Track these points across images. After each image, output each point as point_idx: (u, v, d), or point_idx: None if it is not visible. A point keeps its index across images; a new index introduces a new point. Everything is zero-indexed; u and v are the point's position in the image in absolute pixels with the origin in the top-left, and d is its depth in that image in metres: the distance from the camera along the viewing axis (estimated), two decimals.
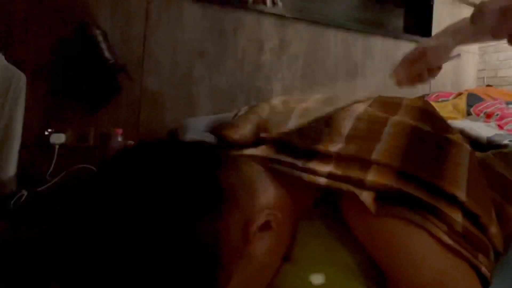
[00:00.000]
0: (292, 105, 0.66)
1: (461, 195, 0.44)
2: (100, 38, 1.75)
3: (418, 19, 2.72)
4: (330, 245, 0.50)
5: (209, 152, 0.47)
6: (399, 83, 0.76)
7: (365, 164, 0.46)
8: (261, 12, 2.17)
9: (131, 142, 1.65)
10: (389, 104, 0.58)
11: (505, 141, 0.75)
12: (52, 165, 1.51)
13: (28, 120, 1.32)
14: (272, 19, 2.20)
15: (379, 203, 0.44)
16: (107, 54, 1.73)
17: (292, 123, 0.57)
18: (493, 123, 0.92)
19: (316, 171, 0.48)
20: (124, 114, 1.83)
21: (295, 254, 0.51)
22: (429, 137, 0.48)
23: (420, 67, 0.76)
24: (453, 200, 0.44)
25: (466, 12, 2.83)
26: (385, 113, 0.55)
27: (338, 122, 0.52)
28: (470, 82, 2.90)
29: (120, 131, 1.70)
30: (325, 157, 0.49)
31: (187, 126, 1.84)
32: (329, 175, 0.47)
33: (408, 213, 0.43)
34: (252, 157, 0.53)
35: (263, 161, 0.52)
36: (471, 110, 1.08)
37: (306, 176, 0.48)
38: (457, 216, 0.43)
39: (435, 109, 0.58)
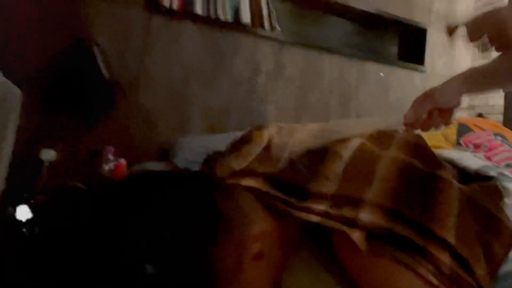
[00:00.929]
0: (285, 137, 0.66)
1: (451, 238, 0.44)
2: (97, 54, 1.76)
3: (412, 46, 2.79)
4: (318, 275, 0.51)
5: (206, 181, 0.49)
6: (410, 126, 0.76)
7: (358, 203, 0.47)
8: (259, 36, 2.21)
9: (122, 160, 1.64)
10: (382, 137, 0.60)
11: (492, 173, 0.76)
12: (41, 182, 1.50)
13: (19, 134, 1.31)
14: (269, 42, 2.24)
15: (370, 242, 0.44)
16: (103, 69, 1.74)
17: (285, 160, 0.58)
18: (481, 154, 0.93)
19: (310, 209, 0.49)
20: (116, 131, 1.83)
21: (285, 283, 0.51)
22: (420, 176, 0.49)
23: (428, 107, 0.77)
24: (442, 242, 0.44)
25: (459, 41, 2.90)
26: (379, 147, 0.56)
27: (332, 159, 0.54)
28: (461, 111, 2.95)
29: (112, 148, 1.70)
30: (319, 197, 0.50)
31: (180, 145, 1.84)
32: (323, 214, 0.48)
33: (397, 253, 0.43)
34: (248, 188, 0.54)
35: (258, 193, 0.53)
36: (461, 140, 1.09)
37: (299, 214, 0.50)
38: (445, 258, 0.44)
39: (426, 144, 0.59)
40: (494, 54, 0.76)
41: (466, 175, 0.83)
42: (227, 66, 2.14)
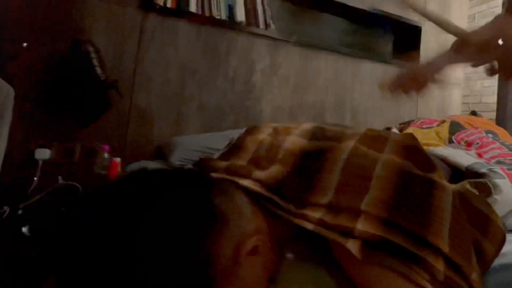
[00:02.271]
0: (279, 138, 0.66)
1: (444, 246, 0.45)
2: (93, 54, 1.76)
3: (407, 45, 2.80)
4: (314, 269, 0.53)
5: (202, 178, 0.51)
6: (385, 88, 0.76)
7: (355, 213, 0.48)
8: (254, 34, 2.21)
9: (117, 159, 1.64)
10: (377, 139, 0.60)
11: (483, 170, 0.77)
12: (35, 181, 1.49)
13: (13, 134, 1.31)
14: (265, 40, 2.25)
15: (365, 250, 0.45)
16: (98, 70, 1.74)
17: (280, 166, 0.58)
18: (473, 152, 0.94)
19: (306, 216, 0.50)
20: (111, 130, 1.82)
21: (280, 276, 0.53)
22: (415, 183, 0.50)
23: (408, 81, 0.76)
24: (436, 250, 0.45)
25: (453, 39, 2.91)
26: (374, 149, 0.56)
27: (329, 165, 0.54)
28: (455, 108, 2.97)
29: (107, 147, 1.70)
30: (316, 206, 0.51)
31: (175, 145, 1.84)
32: (319, 222, 0.49)
33: (393, 261, 0.44)
34: (245, 188, 0.55)
35: (255, 195, 0.54)
36: (453, 138, 1.11)
37: (294, 219, 0.51)
38: (440, 266, 0.44)
39: (420, 146, 0.60)
40: None
41: (458, 172, 0.84)
42: (222, 64, 2.14)
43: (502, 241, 0.53)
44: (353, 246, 0.45)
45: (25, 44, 1.65)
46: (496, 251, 0.52)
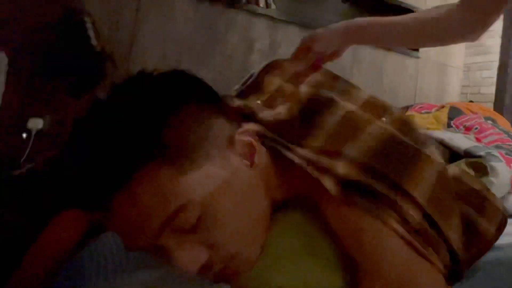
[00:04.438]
0: (295, 83, 0.69)
1: (421, 198, 0.46)
2: (88, 24, 1.71)
3: None
4: (310, 236, 0.52)
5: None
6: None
7: (336, 155, 0.49)
8: (254, 13, 2.17)
9: None
10: (377, 107, 0.62)
11: (481, 153, 0.76)
12: (27, 151, 1.47)
13: (5, 102, 1.28)
14: (264, 20, 2.21)
15: (341, 190, 0.47)
16: (93, 41, 1.70)
17: (285, 109, 0.60)
18: (471, 136, 0.93)
19: (295, 152, 0.52)
20: None
21: (274, 245, 0.51)
22: (404, 146, 0.50)
23: (307, 45, 0.83)
24: (412, 200, 0.46)
25: None
26: (372, 114, 0.57)
27: (324, 118, 0.55)
28: (453, 97, 2.97)
29: None
30: (307, 147, 0.53)
31: None
32: (302, 157, 0.51)
33: (364, 201, 0.46)
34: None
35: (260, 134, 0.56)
36: (452, 122, 1.10)
37: (286, 152, 0.52)
38: (414, 213, 0.45)
39: (416, 124, 0.60)
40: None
41: (456, 155, 0.84)
42: (220, 42, 2.10)
43: (502, 221, 0.52)
44: (328, 182, 0.47)
45: None
46: (496, 229, 0.52)
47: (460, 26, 0.73)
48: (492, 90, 2.56)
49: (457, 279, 0.49)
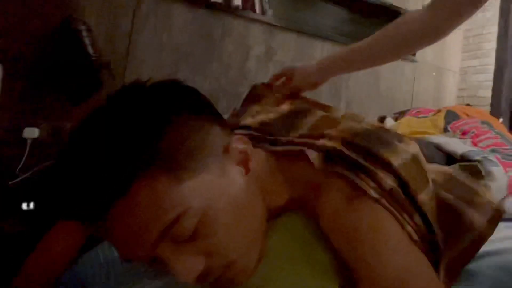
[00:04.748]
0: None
1: (395, 162, 0.49)
2: (85, 33, 1.72)
3: None
4: (307, 243, 0.52)
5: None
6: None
7: (319, 136, 0.54)
8: (250, 19, 2.17)
9: None
10: (354, 116, 0.70)
11: (477, 157, 0.76)
12: (23, 160, 1.46)
13: (1, 112, 1.28)
14: (261, 26, 2.22)
15: (324, 162, 0.51)
16: (90, 49, 1.70)
17: (262, 117, 0.68)
18: (468, 140, 0.93)
19: (279, 141, 0.58)
20: None
21: (270, 253, 0.51)
22: (380, 134, 0.54)
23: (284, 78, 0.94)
24: (386, 165, 0.49)
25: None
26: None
27: (304, 120, 0.61)
28: (450, 101, 2.97)
29: None
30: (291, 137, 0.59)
31: None
32: (288, 142, 0.56)
33: (342, 169, 0.49)
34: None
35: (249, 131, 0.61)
36: (449, 127, 1.10)
37: (272, 147, 0.56)
38: (387, 178, 0.48)
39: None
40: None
41: (452, 160, 0.84)
42: (217, 49, 2.11)
43: (495, 215, 0.52)
44: (311, 153, 0.51)
45: None
46: (488, 223, 0.51)
47: (422, 27, 0.76)
48: (488, 93, 2.57)
49: (437, 257, 0.50)
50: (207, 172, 0.46)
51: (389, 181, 0.48)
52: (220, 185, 0.47)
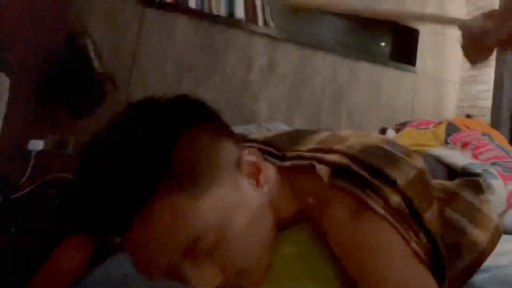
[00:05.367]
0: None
1: (400, 180, 0.50)
2: (90, 47, 1.74)
3: (404, 47, 2.81)
4: (312, 261, 0.52)
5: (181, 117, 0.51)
6: (471, 62, 0.77)
7: (329, 151, 0.54)
8: (253, 31, 2.20)
9: None
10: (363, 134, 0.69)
11: (478, 170, 0.77)
12: (28, 172, 1.47)
13: (7, 124, 1.29)
14: (263, 38, 2.24)
15: (332, 177, 0.51)
16: (95, 63, 1.72)
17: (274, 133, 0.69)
18: (468, 153, 0.94)
19: (288, 156, 0.57)
20: (106, 124, 1.80)
21: (274, 268, 0.52)
22: (387, 151, 0.55)
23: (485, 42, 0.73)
24: (393, 185, 0.50)
25: (450, 43, 2.93)
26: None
27: (311, 135, 0.62)
28: (450, 111, 2.98)
29: None
30: (298, 151, 0.58)
31: None
32: (296, 157, 0.56)
33: (350, 185, 0.50)
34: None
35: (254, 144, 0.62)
36: (449, 139, 1.11)
37: (280, 163, 0.56)
38: (394, 196, 0.49)
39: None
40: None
41: (453, 172, 0.85)
42: (220, 61, 2.13)
43: (496, 232, 0.54)
44: (321, 168, 0.51)
45: None
46: (491, 242, 0.53)
47: None
48: (489, 103, 2.58)
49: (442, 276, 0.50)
50: (221, 186, 0.47)
51: (395, 198, 0.48)
52: (234, 199, 0.48)
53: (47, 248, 0.69)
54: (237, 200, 0.48)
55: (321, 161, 0.52)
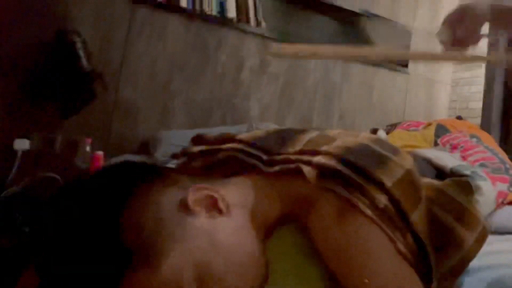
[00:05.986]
0: None
1: (387, 181, 0.49)
2: (79, 45, 1.72)
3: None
4: (298, 258, 0.52)
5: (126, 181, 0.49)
6: (444, 45, 0.73)
7: (315, 153, 0.53)
8: (244, 31, 2.19)
9: (100, 153, 1.60)
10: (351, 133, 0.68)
11: (467, 172, 0.77)
12: (13, 172, 1.45)
13: None
14: (255, 38, 2.23)
15: (318, 178, 0.50)
16: (84, 61, 1.70)
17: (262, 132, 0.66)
18: (457, 154, 0.94)
19: (274, 160, 0.56)
20: (95, 122, 1.79)
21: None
22: (373, 150, 0.54)
23: (464, 28, 0.71)
24: (380, 186, 0.49)
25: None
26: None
27: (299, 135, 0.60)
28: (442, 112, 3.00)
29: (89, 140, 1.66)
30: (284, 154, 0.57)
31: (160, 139, 1.81)
32: (283, 161, 0.54)
33: (338, 187, 0.49)
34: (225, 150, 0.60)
35: (234, 152, 0.59)
36: (438, 140, 1.11)
37: (266, 168, 0.55)
38: (380, 197, 0.49)
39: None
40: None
41: (442, 173, 0.85)
42: (211, 60, 2.12)
43: (483, 232, 0.54)
44: (308, 170, 0.50)
45: None
46: (477, 241, 0.53)
47: None
48: (480, 105, 2.60)
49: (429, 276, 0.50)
50: (179, 241, 0.45)
51: (382, 199, 0.48)
52: (199, 243, 0.46)
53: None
54: (203, 241, 0.46)
55: (308, 164, 0.52)
